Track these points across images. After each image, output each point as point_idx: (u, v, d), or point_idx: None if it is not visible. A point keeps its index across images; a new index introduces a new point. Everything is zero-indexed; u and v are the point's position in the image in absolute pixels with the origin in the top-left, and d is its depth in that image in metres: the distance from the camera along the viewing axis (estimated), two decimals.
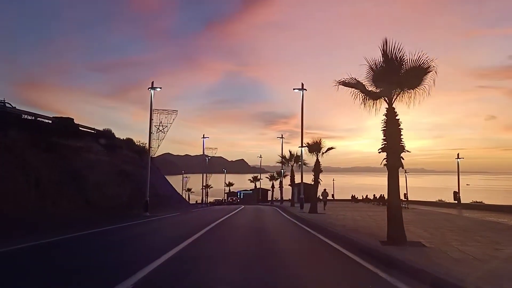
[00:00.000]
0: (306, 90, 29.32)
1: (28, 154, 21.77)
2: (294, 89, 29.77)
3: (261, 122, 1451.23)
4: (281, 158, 50.83)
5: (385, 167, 10.30)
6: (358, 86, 10.48)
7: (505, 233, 13.66)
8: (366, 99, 10.53)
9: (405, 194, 50.48)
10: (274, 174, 71.24)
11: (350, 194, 72.01)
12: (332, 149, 25.89)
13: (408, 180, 59.75)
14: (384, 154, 10.28)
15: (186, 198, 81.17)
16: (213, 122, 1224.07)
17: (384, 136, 10.16)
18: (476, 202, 41.06)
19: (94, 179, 27.44)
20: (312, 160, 27.73)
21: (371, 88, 10.51)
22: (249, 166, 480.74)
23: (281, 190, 60.57)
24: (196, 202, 74.16)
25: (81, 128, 33.73)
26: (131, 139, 42.44)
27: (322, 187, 27.74)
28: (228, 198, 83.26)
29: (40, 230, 14.06)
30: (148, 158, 27.86)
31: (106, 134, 36.34)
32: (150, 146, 28.13)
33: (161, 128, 30.53)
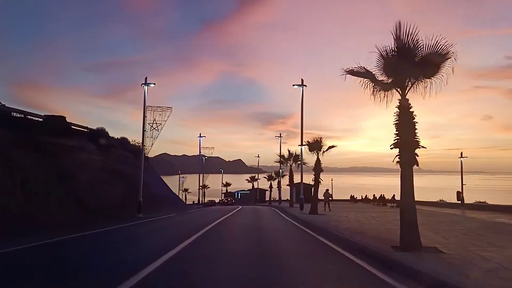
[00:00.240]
0: (306, 86, 28.39)
1: (14, 153, 20.70)
2: (294, 85, 28.76)
3: (258, 122, 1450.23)
4: (279, 158, 49.87)
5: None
6: (367, 75, 9.50)
7: None
8: (376, 90, 9.57)
9: None
10: (272, 174, 70.30)
11: (348, 194, 71.27)
12: (333, 147, 24.95)
13: None
14: (396, 150, 9.32)
15: (183, 199, 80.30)
16: (210, 122, 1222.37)
17: (396, 130, 9.20)
18: (479, 202, 40.20)
19: (86, 179, 26.38)
20: (311, 159, 26.88)
21: (382, 78, 9.55)
22: (246, 166, 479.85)
23: (279, 190, 59.64)
24: (193, 202, 73.24)
25: (73, 126, 32.70)
26: (126, 138, 41.49)
27: (322, 187, 26.71)
28: (223, 199, 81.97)
29: (20, 234, 13.05)
30: (142, 157, 26.67)
31: (100, 133, 35.28)
32: (143, 144, 27.03)
33: (155, 126, 29.37)
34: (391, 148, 9.36)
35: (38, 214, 18.97)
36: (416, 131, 9.05)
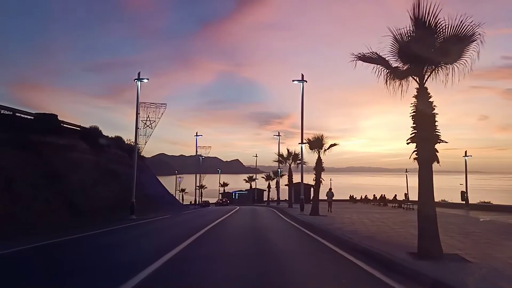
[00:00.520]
0: (306, 82, 27.30)
1: None
2: (294, 80, 27.66)
3: (255, 122, 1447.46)
4: (278, 157, 48.76)
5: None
6: (380, 61, 8.46)
7: None
8: (390, 78, 8.53)
9: (405, 194, 49.15)
10: (271, 174, 69.23)
11: (345, 194, 70.34)
12: (335, 145, 23.84)
13: (405, 179, 58.22)
14: (412, 146, 8.30)
15: (180, 199, 79.14)
16: (208, 122, 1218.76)
17: (414, 123, 8.17)
18: (483, 202, 39.23)
19: (77, 180, 25.29)
20: (311, 158, 25.88)
21: (397, 64, 8.52)
22: (244, 167, 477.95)
23: (277, 190, 58.58)
24: (190, 202, 72.13)
25: (65, 125, 31.60)
26: (120, 137, 40.41)
27: (322, 187, 25.64)
28: (218, 199, 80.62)
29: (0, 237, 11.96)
30: (135, 155, 25.53)
31: (93, 131, 34.18)
32: (136, 142, 25.85)
33: (148, 123, 28.19)
34: (407, 143, 8.34)
35: (23, 215, 17.88)
36: (436, 124, 8.02)
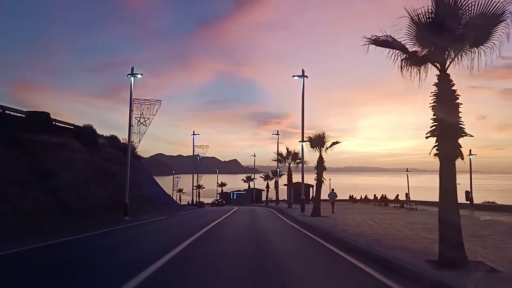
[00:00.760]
0: (307, 77, 26.34)
1: None
2: (294, 76, 26.67)
3: (254, 122, 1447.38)
4: (277, 156, 47.82)
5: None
6: (396, 45, 7.55)
7: None
8: (407, 64, 7.62)
9: (406, 194, 48.46)
10: (269, 174, 68.28)
11: (344, 194, 69.39)
12: (337, 143, 22.91)
13: (405, 179, 57.53)
14: (432, 140, 7.39)
15: (178, 199, 78.13)
16: (206, 122, 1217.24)
17: (434, 114, 7.26)
18: (488, 202, 38.40)
19: (69, 179, 24.36)
20: (311, 158, 25.00)
21: (415, 49, 7.60)
22: (242, 167, 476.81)
23: (276, 190, 57.59)
24: (188, 202, 71.15)
25: (58, 123, 30.66)
26: (116, 136, 39.49)
27: (324, 187, 24.72)
28: (214, 200, 79.35)
29: None
30: (128, 154, 24.57)
31: (87, 130, 33.20)
32: (130, 140, 24.86)
33: (142, 120, 27.18)
34: (427, 137, 7.43)
35: (10, 217, 16.89)
36: (460, 115, 7.11)
